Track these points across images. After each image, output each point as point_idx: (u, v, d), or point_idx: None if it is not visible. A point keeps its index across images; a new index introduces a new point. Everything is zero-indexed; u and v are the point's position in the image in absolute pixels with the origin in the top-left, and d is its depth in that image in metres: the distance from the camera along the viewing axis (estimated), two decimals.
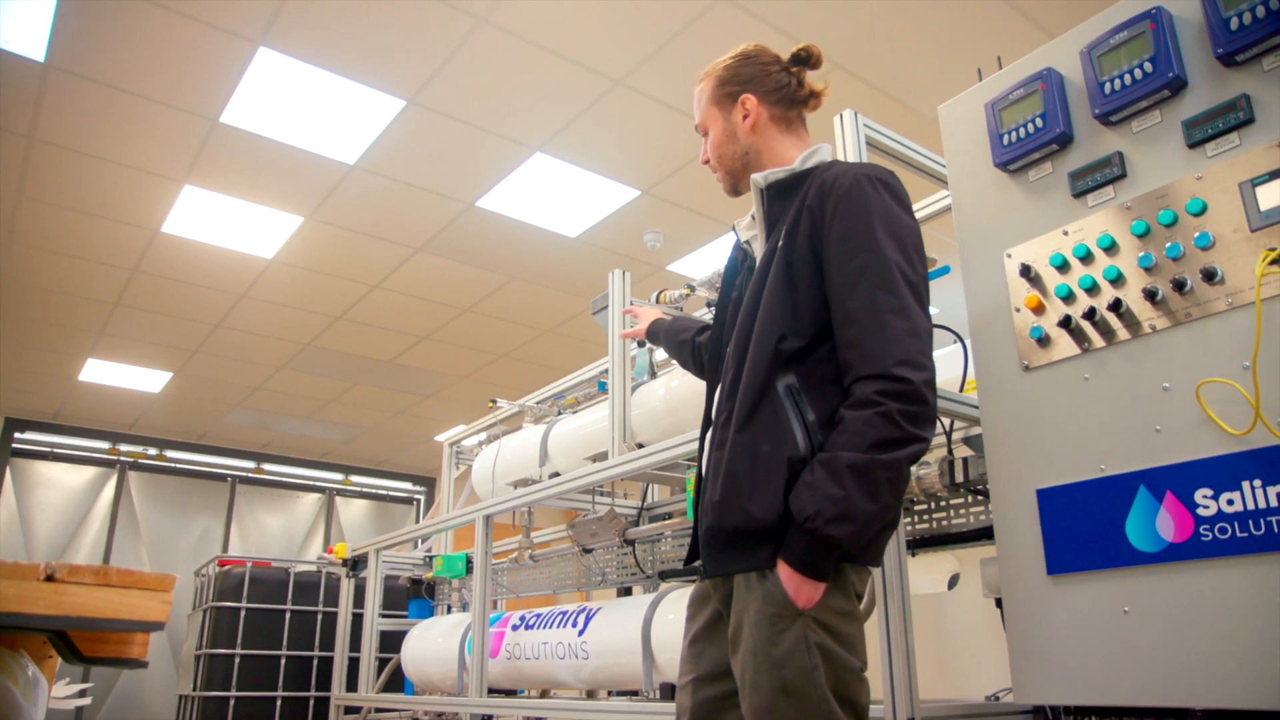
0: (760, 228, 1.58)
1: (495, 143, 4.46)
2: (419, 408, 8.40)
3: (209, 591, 4.98)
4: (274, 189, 4.81)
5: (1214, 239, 1.44)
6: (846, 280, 1.39)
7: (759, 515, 1.33)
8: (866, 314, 1.36)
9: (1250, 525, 1.34)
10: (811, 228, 1.45)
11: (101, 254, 5.43)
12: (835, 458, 1.29)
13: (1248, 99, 1.43)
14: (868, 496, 1.27)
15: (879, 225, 1.41)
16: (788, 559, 1.32)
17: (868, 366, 1.33)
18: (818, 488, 1.28)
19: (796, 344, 1.40)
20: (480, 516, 3.32)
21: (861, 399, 1.32)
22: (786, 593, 1.31)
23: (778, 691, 1.29)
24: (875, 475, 1.28)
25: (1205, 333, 1.44)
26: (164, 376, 7.44)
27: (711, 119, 1.68)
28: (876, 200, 1.43)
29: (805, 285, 1.43)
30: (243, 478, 9.46)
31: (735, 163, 1.66)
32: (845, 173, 1.47)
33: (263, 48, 3.75)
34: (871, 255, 1.38)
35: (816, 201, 1.46)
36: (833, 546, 1.29)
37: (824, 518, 1.27)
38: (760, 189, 1.56)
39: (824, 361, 1.41)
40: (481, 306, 6.29)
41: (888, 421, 1.29)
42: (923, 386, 1.32)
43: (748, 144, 1.64)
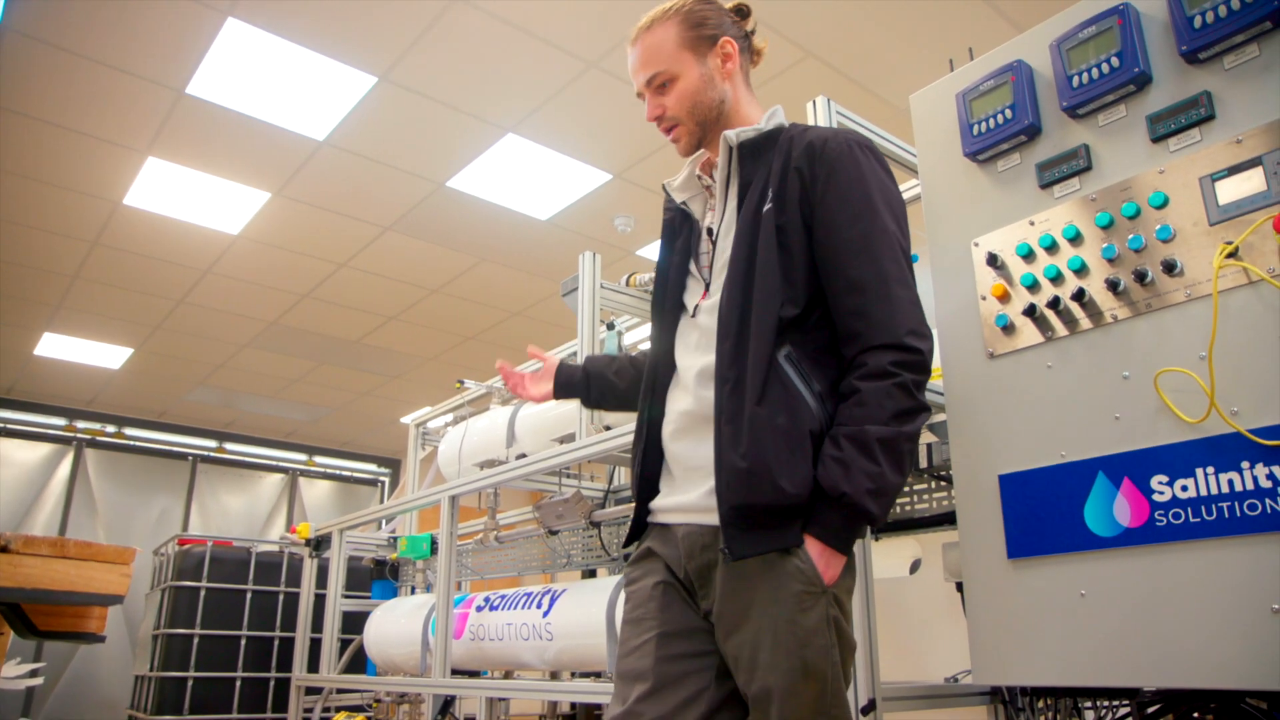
0: (729, 187, 1.49)
1: (467, 122, 4.42)
2: (385, 389, 8.33)
3: (168, 570, 4.92)
4: (240, 163, 4.73)
5: (1174, 232, 1.47)
6: (848, 248, 1.36)
7: (793, 491, 1.28)
8: (873, 283, 1.34)
9: (1203, 511, 1.38)
10: (801, 190, 1.40)
11: (60, 225, 5.31)
12: (863, 432, 1.27)
13: (1209, 96, 1.46)
14: (896, 469, 1.28)
15: (876, 194, 1.38)
16: (820, 535, 1.29)
17: (879, 336, 1.32)
18: (852, 463, 1.26)
19: (792, 311, 1.36)
20: (446, 497, 3.31)
21: (877, 370, 1.30)
22: (816, 569, 1.29)
23: (798, 672, 1.27)
24: (901, 448, 1.28)
25: (1164, 323, 1.47)
26: (124, 352, 7.31)
27: (683, 64, 1.51)
28: (870, 168, 1.40)
29: (796, 250, 1.38)
30: (204, 457, 9.33)
31: (711, 112, 1.53)
32: (832, 137, 1.43)
33: (231, 18, 3.68)
34: (873, 223, 1.36)
35: (805, 164, 1.41)
36: (868, 521, 1.29)
37: (862, 493, 1.25)
38: (731, 146, 1.48)
39: (816, 330, 1.38)
40: (450, 287, 6.25)
41: (905, 393, 1.29)
42: (928, 355, 1.33)
43: (725, 91, 1.53)
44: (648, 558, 1.49)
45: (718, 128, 1.53)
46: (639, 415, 1.56)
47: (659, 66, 1.52)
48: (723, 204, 1.50)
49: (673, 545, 1.45)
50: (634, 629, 1.44)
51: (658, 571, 1.46)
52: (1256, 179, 1.39)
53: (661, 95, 1.54)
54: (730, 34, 1.54)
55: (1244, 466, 1.34)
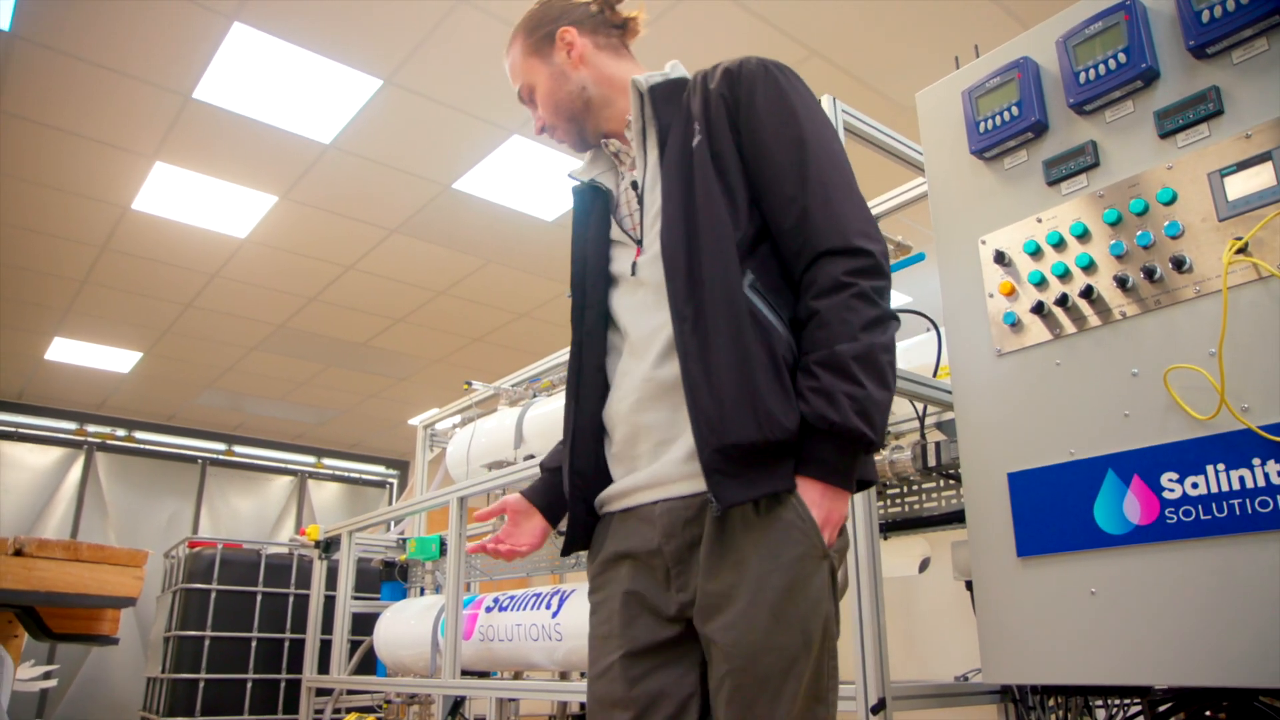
0: (646, 138, 1.41)
1: (473, 124, 4.43)
2: (393, 390, 8.35)
3: (179, 573, 4.94)
4: (247, 167, 4.75)
5: (1183, 228, 1.47)
6: (779, 163, 1.28)
7: (786, 423, 1.16)
8: (813, 189, 1.25)
9: (1214, 508, 1.37)
10: (726, 114, 1.32)
11: (69, 231, 5.34)
12: (835, 354, 1.17)
13: (1217, 91, 1.46)
14: (880, 385, 1.18)
15: (799, 106, 1.31)
16: (818, 473, 1.17)
17: (824, 241, 1.22)
18: (831, 389, 1.15)
19: (741, 235, 1.27)
20: (454, 499, 3.32)
21: (830, 283, 1.20)
22: (814, 522, 1.17)
23: (800, 649, 1.15)
24: (879, 360, 1.18)
25: (1174, 320, 1.47)
26: (133, 356, 7.34)
27: (533, 71, 1.50)
28: (789, 84, 1.33)
29: (734, 176, 1.30)
30: (213, 460, 9.37)
31: (575, 103, 1.48)
32: (745, 60, 1.36)
33: (237, 23, 3.69)
34: (803, 131, 1.28)
35: (726, 89, 1.33)
36: (864, 445, 1.17)
37: (852, 418, 1.14)
38: (642, 92, 1.40)
39: (770, 257, 1.29)
40: (457, 289, 6.26)
41: (866, 301, 1.20)
42: (883, 259, 1.24)
43: (581, 79, 1.48)
44: (611, 564, 1.34)
45: (590, 114, 1.48)
46: (566, 404, 1.43)
47: (518, 82, 1.54)
48: (643, 156, 1.41)
49: (641, 532, 1.30)
50: (600, 647, 1.32)
51: (622, 579, 1.32)
52: (1266, 174, 1.38)
53: (534, 107, 1.54)
54: (568, 21, 1.49)
55: (1255, 463, 1.34)
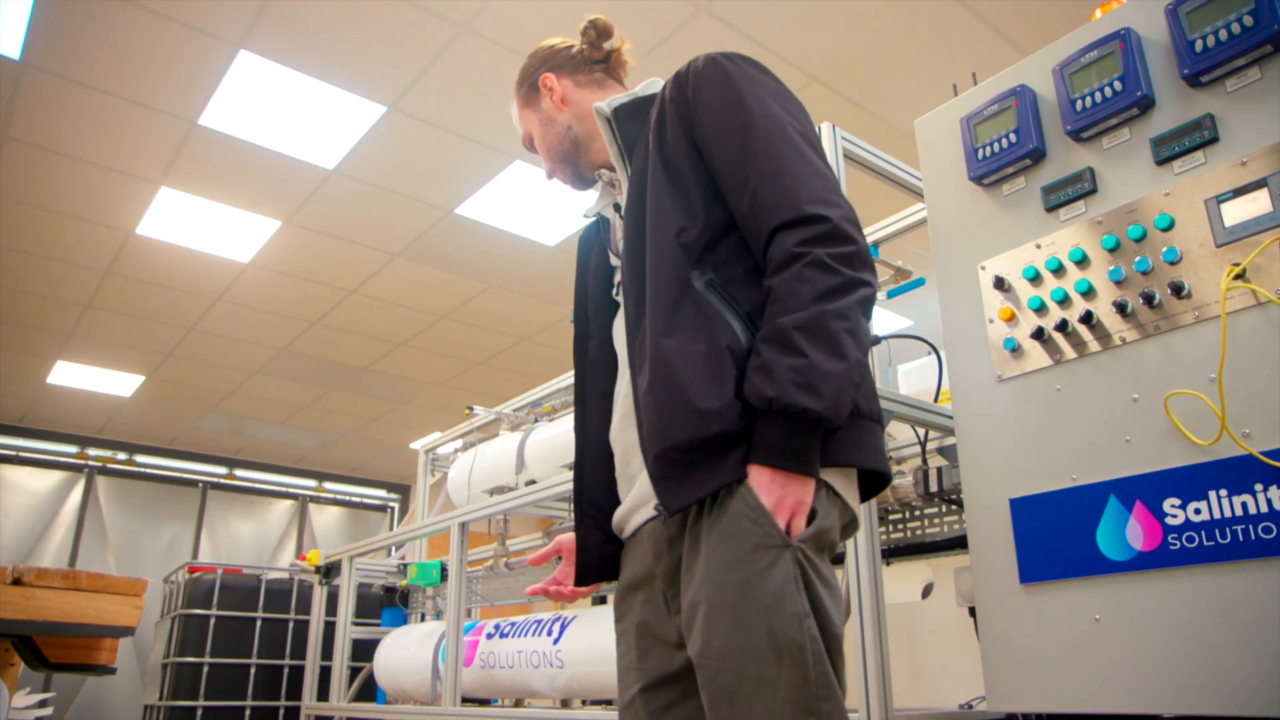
0: (620, 160, 1.40)
1: (475, 150, 4.46)
2: (394, 414, 8.35)
3: (178, 599, 4.92)
4: (252, 192, 4.78)
5: (1181, 254, 1.47)
6: (730, 149, 1.23)
7: (712, 410, 1.09)
8: (760, 169, 1.18)
9: (1217, 534, 1.37)
10: (678, 117, 1.29)
11: (74, 255, 5.37)
12: (777, 327, 1.09)
13: (1212, 118, 1.47)
14: (830, 354, 1.07)
15: (747, 92, 1.25)
16: (762, 456, 1.08)
17: (775, 216, 1.15)
18: (772, 364, 1.07)
19: (696, 233, 1.22)
20: (456, 524, 3.31)
21: (783, 258, 1.13)
22: (765, 508, 1.07)
23: (766, 652, 1.03)
24: (829, 327, 1.08)
25: (1173, 345, 1.47)
26: (135, 380, 7.35)
27: (527, 121, 1.56)
28: (738, 71, 1.28)
29: (690, 175, 1.26)
30: (214, 484, 9.35)
31: (564, 143, 1.51)
32: (695, 59, 1.33)
33: (243, 50, 3.73)
34: (750, 114, 1.22)
35: (675, 92, 1.31)
36: (811, 421, 1.06)
37: (791, 391, 1.04)
38: (606, 116, 1.39)
39: (738, 251, 1.23)
40: (459, 313, 6.27)
41: (820, 270, 1.10)
42: (843, 223, 1.14)
43: (566, 119, 1.51)
44: (627, 594, 1.31)
45: (580, 151, 1.51)
46: (575, 434, 1.43)
47: (521, 130, 1.59)
48: (624, 178, 1.40)
49: (641, 557, 1.27)
50: (622, 680, 1.30)
51: (636, 609, 1.28)
52: (1262, 200, 1.39)
53: (538, 155, 1.58)
54: (548, 68, 1.55)
55: (1257, 489, 1.33)
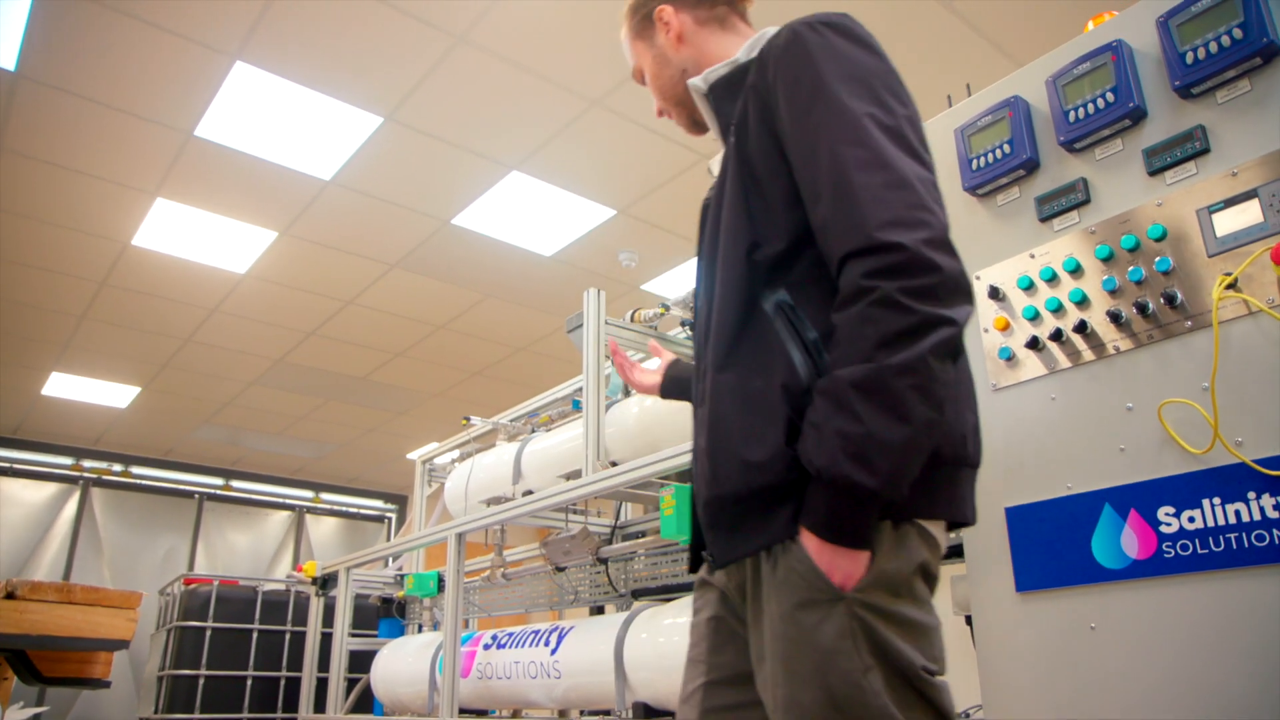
0: (722, 136, 1.28)
1: (472, 161, 4.47)
2: (391, 425, 8.34)
3: (173, 610, 4.90)
4: (248, 204, 4.78)
5: (1174, 264, 1.48)
6: (805, 150, 1.07)
7: (759, 461, 1.00)
8: (831, 180, 1.03)
9: (1211, 542, 1.37)
10: (760, 107, 1.14)
11: (69, 266, 5.36)
12: (834, 379, 0.96)
13: (1203, 130, 1.48)
14: (891, 419, 0.93)
15: (828, 71, 1.08)
16: (810, 524, 0.98)
17: (844, 243, 1.00)
18: (823, 425, 0.96)
19: (773, 249, 1.09)
20: (453, 534, 3.31)
21: (849, 291, 0.98)
22: (817, 569, 0.98)
23: (824, 708, 0.96)
24: (891, 386, 0.93)
25: (1166, 354, 1.48)
26: (131, 391, 7.34)
27: (640, 55, 1.41)
28: (821, 44, 1.10)
29: (769, 178, 1.12)
30: (210, 495, 9.32)
31: (677, 87, 1.36)
32: (782, 31, 1.16)
33: (239, 62, 3.74)
34: (825, 108, 1.06)
35: (757, 77, 1.15)
36: (864, 498, 0.94)
37: (842, 462, 0.93)
38: (702, 93, 1.28)
39: (817, 268, 1.08)
40: (456, 324, 6.28)
41: (888, 308, 0.95)
42: (923, 247, 0.96)
43: (681, 59, 1.35)
44: (704, 587, 1.24)
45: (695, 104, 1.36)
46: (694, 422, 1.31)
47: (632, 62, 1.45)
48: None
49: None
50: (689, 672, 1.22)
51: (711, 604, 1.21)
52: (1253, 211, 1.40)
53: (650, 89, 1.43)
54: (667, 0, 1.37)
55: (1250, 497, 1.34)
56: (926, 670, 0.99)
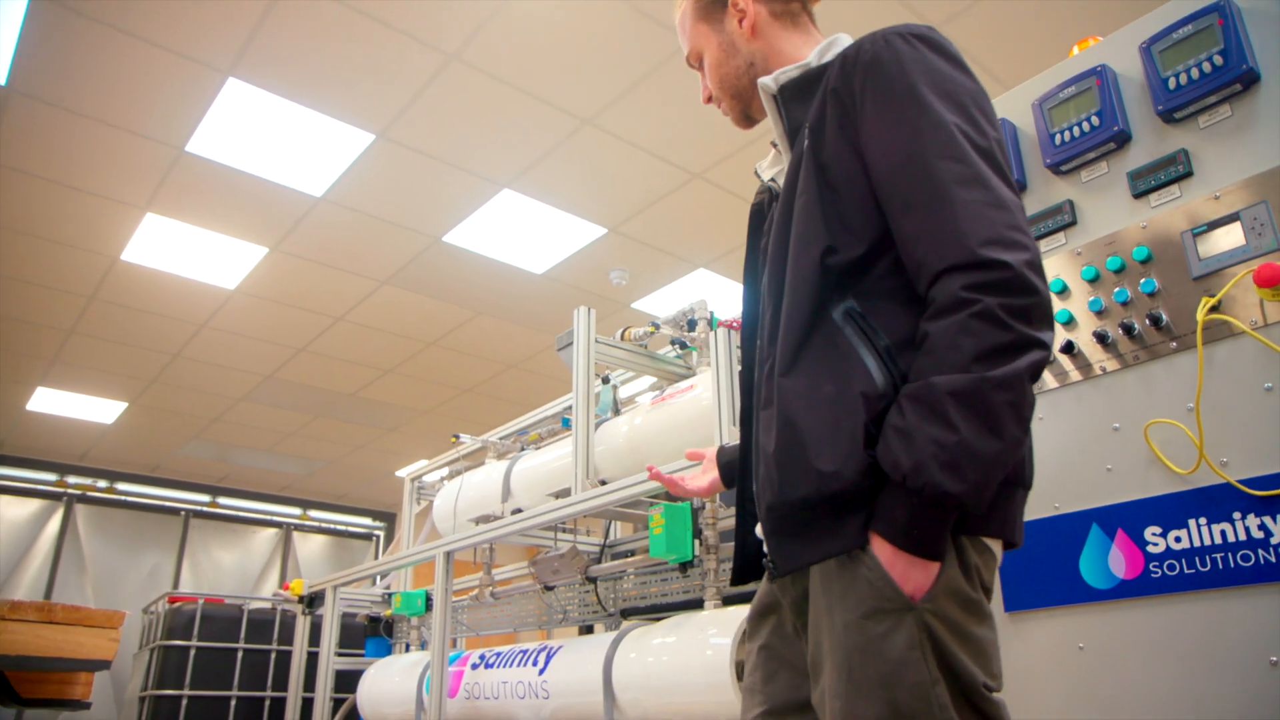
0: (781, 140, 1.24)
1: (463, 178, 4.48)
2: (381, 442, 8.30)
3: (157, 629, 4.85)
4: (239, 219, 4.78)
5: (1159, 285, 1.50)
6: (894, 159, 1.05)
7: (832, 470, 0.98)
8: (927, 192, 1.02)
9: (1197, 562, 1.38)
10: (840, 113, 1.11)
11: (57, 280, 5.34)
12: (929, 386, 0.94)
13: (1186, 154, 1.50)
14: (987, 432, 0.92)
15: (923, 83, 1.06)
16: (885, 531, 0.96)
17: (943, 256, 0.98)
18: (914, 432, 0.94)
19: (848, 255, 1.07)
20: (441, 553, 3.29)
21: (946, 302, 0.97)
22: (889, 577, 0.96)
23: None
24: (990, 400, 0.93)
25: (1152, 375, 1.49)
26: (118, 407, 7.29)
27: (702, 39, 1.34)
28: (915, 56, 1.09)
29: (846, 184, 1.10)
30: (197, 512, 9.25)
31: (741, 79, 1.31)
32: (870, 37, 1.13)
33: (232, 78, 3.75)
34: (921, 120, 1.04)
35: (840, 81, 1.12)
36: (949, 507, 0.94)
37: (932, 469, 0.92)
38: (772, 94, 1.23)
39: (890, 276, 1.07)
40: (446, 340, 6.27)
41: (989, 323, 0.94)
42: (1025, 270, 0.96)
43: (750, 52, 1.30)
44: (757, 618, 1.23)
45: (756, 94, 1.30)
46: (740, 426, 1.30)
47: (687, 45, 1.37)
48: (787, 158, 1.24)
49: (766, 585, 1.21)
50: (746, 701, 1.21)
51: (764, 630, 1.20)
52: (1235, 234, 1.42)
53: (702, 73, 1.37)
54: None
55: (1235, 517, 1.35)
56: (986, 686, 0.99)
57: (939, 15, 3.47)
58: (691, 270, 5.45)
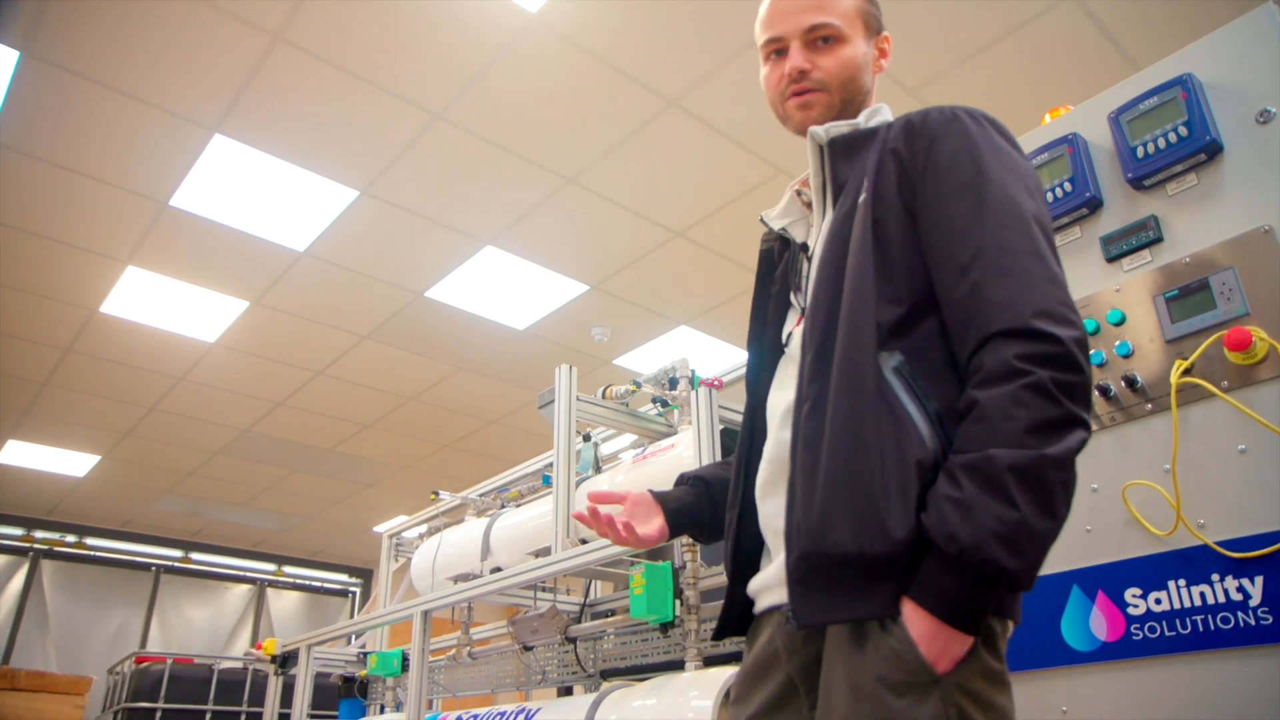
0: (825, 195, 1.23)
1: (447, 235, 4.51)
2: (359, 497, 8.20)
3: (123, 691, 4.71)
4: (221, 273, 4.78)
5: (1134, 348, 1.53)
6: (954, 225, 1.06)
7: (880, 528, 0.96)
8: (987, 258, 1.02)
9: (1178, 624, 1.38)
10: (900, 173, 1.13)
11: (34, 332, 5.29)
12: (989, 460, 0.92)
13: (1156, 220, 1.55)
14: (1044, 511, 0.91)
15: (990, 159, 1.09)
16: (929, 603, 0.93)
17: (995, 320, 0.98)
18: (974, 505, 0.91)
19: (895, 312, 1.07)
20: (418, 612, 3.24)
21: (998, 370, 0.96)
22: (919, 651, 0.94)
23: None
24: (1048, 479, 0.92)
25: (1129, 436, 1.51)
26: (91, 460, 7.18)
27: (855, 31, 1.28)
28: (982, 135, 1.11)
29: (898, 242, 1.10)
30: (168, 567, 9.06)
31: (857, 96, 1.27)
32: (935, 109, 1.16)
33: (218, 134, 3.78)
34: (986, 190, 1.06)
35: (902, 143, 1.14)
36: (1000, 585, 0.92)
37: (992, 545, 0.90)
38: (821, 144, 1.22)
39: (933, 337, 1.07)
40: (427, 395, 6.24)
41: (1042, 396, 0.93)
42: (1074, 347, 0.96)
43: (869, 86, 1.29)
44: (748, 682, 1.18)
45: (824, 114, 1.27)
46: (734, 474, 1.29)
47: (832, 18, 1.26)
48: (821, 216, 1.23)
49: (765, 646, 1.15)
50: None
51: (756, 697, 1.15)
52: (1205, 298, 1.45)
53: (815, 52, 1.26)
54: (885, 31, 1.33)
55: (1214, 579, 1.36)
56: None
57: (914, 80, 3.57)
58: (673, 327, 5.48)
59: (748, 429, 1.28)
